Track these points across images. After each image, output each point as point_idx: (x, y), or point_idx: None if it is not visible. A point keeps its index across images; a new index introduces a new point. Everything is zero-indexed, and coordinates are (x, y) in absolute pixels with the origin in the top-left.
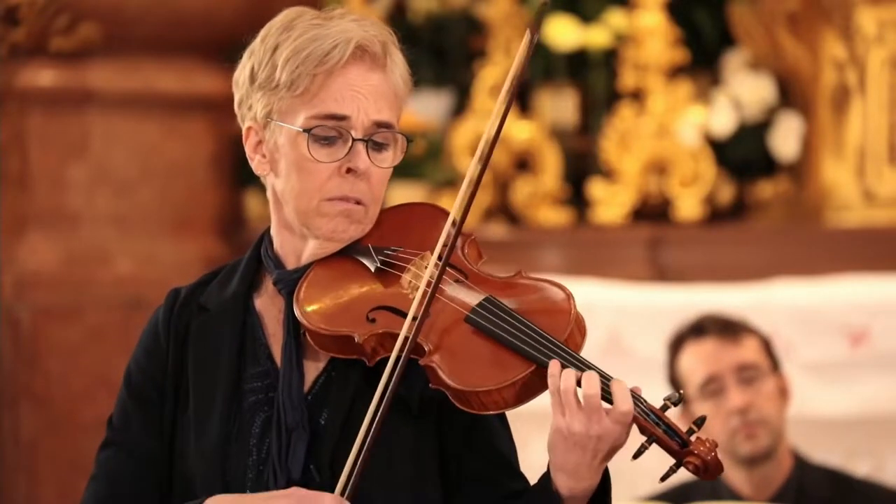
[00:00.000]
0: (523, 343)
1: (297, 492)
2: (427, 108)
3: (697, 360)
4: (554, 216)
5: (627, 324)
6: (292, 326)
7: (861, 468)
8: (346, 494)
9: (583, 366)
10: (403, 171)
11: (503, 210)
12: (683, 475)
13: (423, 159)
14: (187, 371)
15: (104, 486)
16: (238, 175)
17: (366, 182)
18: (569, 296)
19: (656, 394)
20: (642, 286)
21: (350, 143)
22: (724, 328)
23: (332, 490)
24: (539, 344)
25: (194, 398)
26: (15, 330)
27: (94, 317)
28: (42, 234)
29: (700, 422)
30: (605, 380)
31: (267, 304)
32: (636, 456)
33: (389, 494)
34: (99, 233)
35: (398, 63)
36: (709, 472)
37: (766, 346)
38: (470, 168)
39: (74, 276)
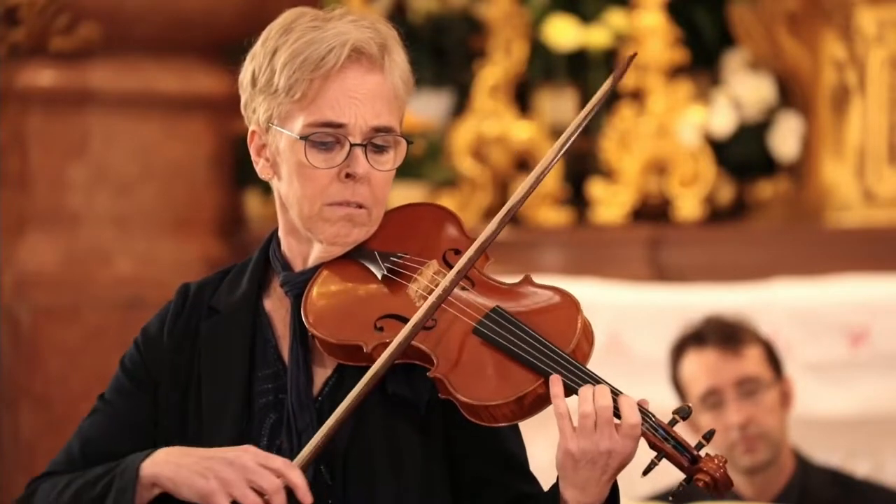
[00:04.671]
0: (531, 356)
1: (250, 448)
2: (427, 108)
3: (698, 371)
4: (554, 216)
5: (627, 324)
6: (299, 329)
7: (861, 468)
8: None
9: (591, 380)
10: (403, 172)
11: None
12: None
13: (423, 159)
14: (197, 371)
15: (77, 446)
16: (238, 175)
17: (366, 185)
18: (576, 304)
19: (656, 394)
20: (642, 286)
21: (347, 148)
22: (725, 337)
23: (343, 491)
24: (546, 357)
25: (207, 399)
26: (15, 330)
27: (94, 317)
28: (42, 234)
29: (709, 435)
30: (614, 394)
31: (276, 305)
32: (646, 472)
33: (399, 496)
34: (99, 233)
35: (398, 63)
36: (718, 488)
37: (769, 352)
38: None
39: (74, 276)
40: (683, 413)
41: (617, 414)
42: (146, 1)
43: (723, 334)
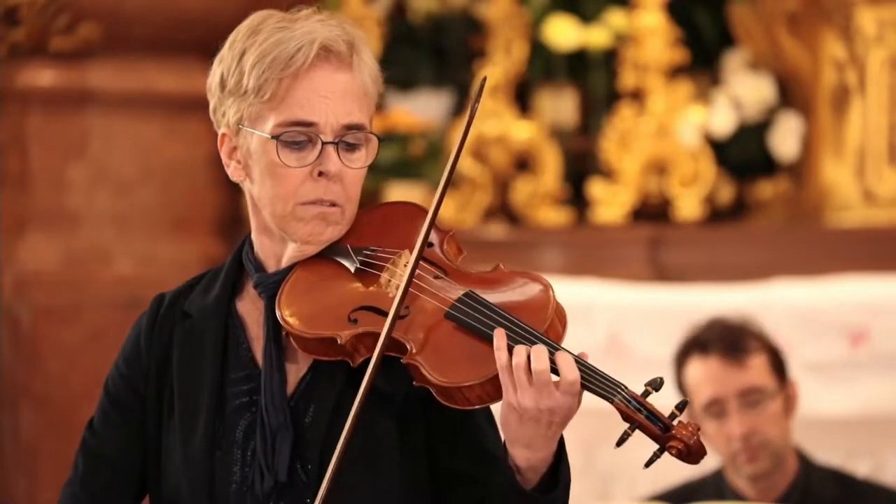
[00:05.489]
0: None
1: None
2: (427, 108)
3: (701, 379)
4: (554, 216)
5: (627, 324)
6: (272, 329)
7: (861, 468)
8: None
9: (565, 351)
10: (403, 172)
11: (503, 210)
12: (686, 475)
13: (423, 159)
14: (171, 376)
15: (81, 490)
16: None
17: (339, 183)
18: (547, 286)
19: (655, 394)
20: (642, 286)
21: (319, 147)
22: (729, 345)
23: (318, 488)
24: (518, 336)
25: (179, 403)
26: (15, 330)
27: (94, 317)
28: (42, 234)
29: (682, 405)
30: (552, 352)
31: (249, 307)
32: (619, 443)
33: (376, 493)
34: (99, 233)
35: (366, 62)
36: (692, 455)
37: (774, 359)
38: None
39: (74, 276)
40: (655, 384)
41: (557, 371)
42: (146, 1)
43: (727, 342)
